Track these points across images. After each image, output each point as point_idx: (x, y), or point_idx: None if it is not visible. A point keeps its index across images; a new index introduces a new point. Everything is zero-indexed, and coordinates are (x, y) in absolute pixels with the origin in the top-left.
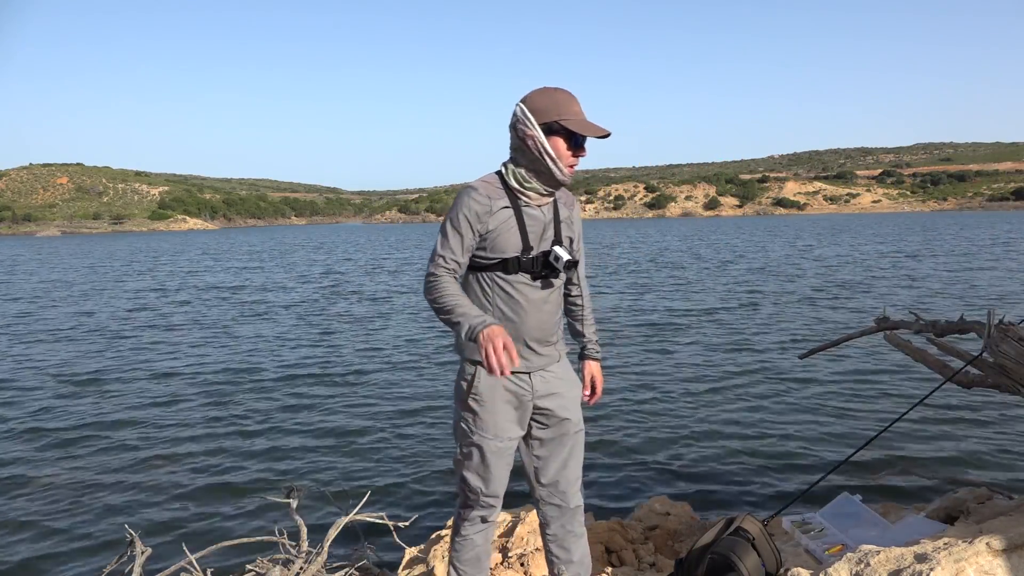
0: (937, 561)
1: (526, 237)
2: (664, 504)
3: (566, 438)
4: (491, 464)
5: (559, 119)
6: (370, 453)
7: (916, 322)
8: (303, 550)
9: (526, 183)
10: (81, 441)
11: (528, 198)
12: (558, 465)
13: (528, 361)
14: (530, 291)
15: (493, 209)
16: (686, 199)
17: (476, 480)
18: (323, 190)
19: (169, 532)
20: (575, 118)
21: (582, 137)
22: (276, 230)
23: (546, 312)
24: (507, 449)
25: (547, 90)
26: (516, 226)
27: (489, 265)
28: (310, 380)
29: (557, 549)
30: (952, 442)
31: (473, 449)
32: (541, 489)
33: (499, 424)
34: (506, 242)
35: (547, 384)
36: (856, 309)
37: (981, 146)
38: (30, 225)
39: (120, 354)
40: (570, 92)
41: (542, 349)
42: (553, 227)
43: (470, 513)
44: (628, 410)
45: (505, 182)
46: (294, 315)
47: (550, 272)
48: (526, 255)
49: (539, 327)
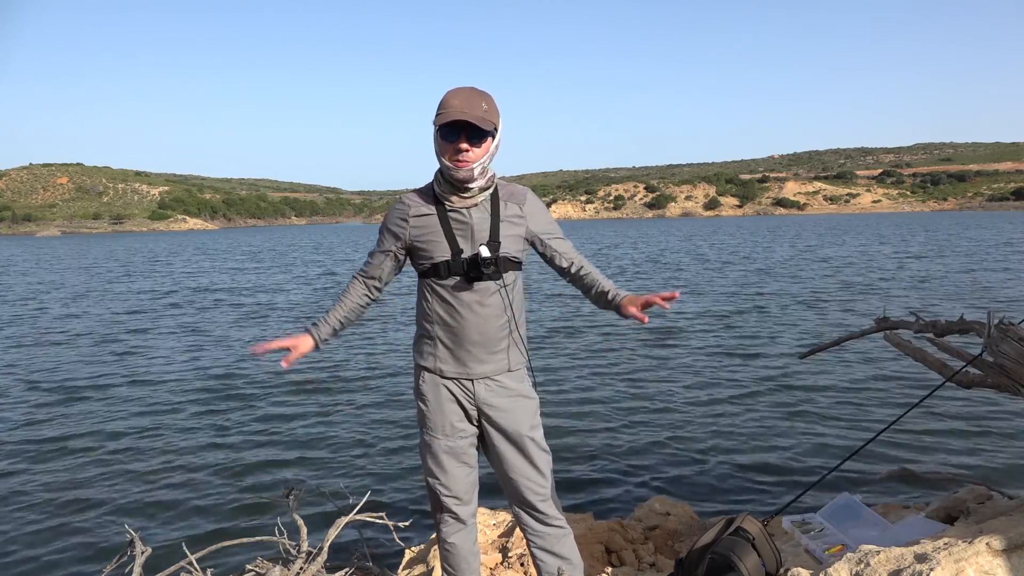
0: (937, 561)
1: (453, 240)
2: (664, 504)
3: (514, 450)
4: (444, 463)
5: (434, 120)
6: (370, 453)
7: (916, 322)
8: (303, 550)
9: (440, 186)
10: (80, 441)
11: (450, 201)
12: (518, 474)
13: (467, 368)
14: (465, 295)
15: (411, 215)
16: (686, 199)
17: (434, 479)
18: (323, 190)
19: (169, 532)
20: (443, 111)
21: (462, 131)
22: (276, 230)
23: (485, 316)
24: (459, 448)
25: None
26: (440, 230)
27: (425, 271)
28: (309, 380)
29: (540, 552)
30: (952, 442)
31: (425, 448)
32: (511, 498)
33: (445, 422)
34: (434, 247)
35: (492, 393)
36: (852, 310)
37: (981, 146)
38: (30, 225)
39: (120, 354)
40: (470, 89)
41: (485, 356)
42: (489, 227)
43: (440, 515)
44: (628, 410)
45: (432, 189)
46: (293, 317)
47: (479, 273)
48: (456, 258)
49: (479, 331)
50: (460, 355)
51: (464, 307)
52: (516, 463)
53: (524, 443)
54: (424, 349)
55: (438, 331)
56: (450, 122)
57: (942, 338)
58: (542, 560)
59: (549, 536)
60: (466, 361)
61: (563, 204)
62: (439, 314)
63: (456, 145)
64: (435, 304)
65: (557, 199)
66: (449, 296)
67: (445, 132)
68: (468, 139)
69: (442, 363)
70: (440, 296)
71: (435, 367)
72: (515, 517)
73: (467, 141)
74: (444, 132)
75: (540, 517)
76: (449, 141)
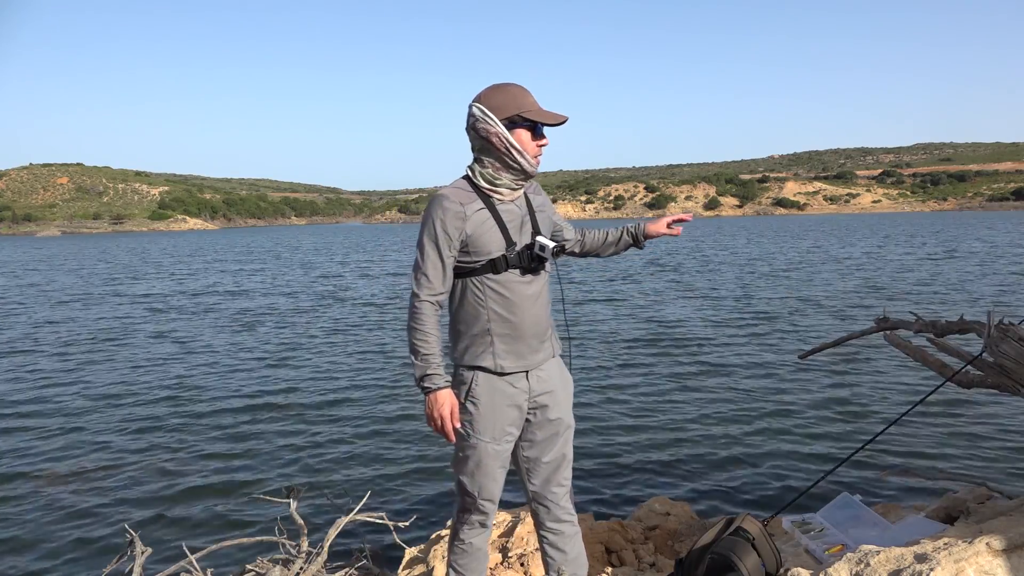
0: (937, 561)
1: (507, 233)
2: (664, 504)
3: (556, 437)
4: (487, 466)
5: (519, 112)
6: (370, 453)
7: (916, 322)
8: (303, 550)
9: (496, 180)
10: (80, 441)
11: (500, 195)
12: (548, 464)
13: (526, 360)
14: (523, 287)
15: (467, 214)
16: (686, 199)
17: (473, 483)
18: (323, 190)
19: (169, 532)
20: (533, 108)
21: (542, 126)
22: (276, 230)
23: (539, 306)
24: (503, 452)
25: (500, 86)
26: (495, 224)
27: (478, 268)
28: (310, 381)
29: (551, 549)
30: (952, 442)
31: (470, 452)
32: (532, 489)
33: (496, 426)
34: (489, 242)
35: (541, 383)
36: (853, 310)
37: (981, 146)
38: (30, 225)
39: (120, 354)
40: (521, 84)
41: (539, 346)
42: (530, 218)
43: (468, 517)
44: (628, 411)
45: (474, 184)
46: (293, 318)
47: (539, 263)
48: (511, 251)
49: (535, 323)
50: (518, 349)
51: (523, 299)
52: (554, 449)
53: (565, 429)
54: (478, 350)
55: (495, 328)
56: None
57: (942, 338)
58: (552, 557)
59: (563, 533)
60: (524, 354)
61: (563, 204)
62: (495, 310)
63: (542, 141)
64: (489, 300)
65: (557, 199)
66: (506, 291)
67: (537, 128)
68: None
69: (502, 360)
70: (496, 292)
71: (495, 365)
72: (533, 513)
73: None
74: (536, 128)
75: (558, 512)
76: (539, 137)
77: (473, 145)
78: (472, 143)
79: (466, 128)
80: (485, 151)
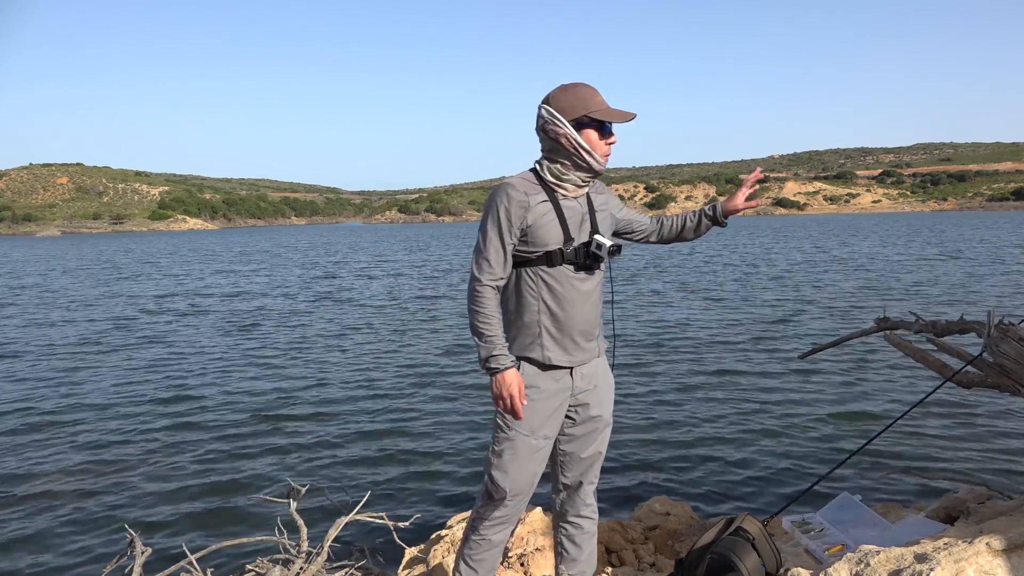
0: (937, 561)
1: (567, 228)
2: (664, 504)
3: (595, 434)
4: (524, 462)
5: (587, 113)
6: (370, 453)
7: (916, 322)
8: (303, 550)
9: (564, 176)
10: (80, 441)
11: (565, 190)
12: (585, 460)
13: (572, 356)
14: (576, 283)
15: (531, 204)
16: (686, 199)
17: (506, 478)
18: (323, 190)
19: (169, 532)
20: (601, 108)
21: (610, 124)
22: (276, 230)
23: (591, 304)
24: (542, 448)
25: (568, 87)
26: (556, 218)
27: (533, 259)
28: (310, 381)
29: (567, 542)
30: (952, 442)
31: (507, 445)
32: (564, 482)
33: (536, 421)
34: (548, 234)
35: (586, 380)
36: (849, 315)
37: (981, 146)
38: (30, 225)
39: (120, 355)
40: (589, 84)
41: (586, 343)
42: (590, 217)
43: (493, 513)
44: (628, 411)
45: (541, 177)
46: (293, 319)
47: (594, 262)
48: (568, 246)
49: (584, 320)
50: (565, 344)
51: (576, 295)
52: (592, 446)
53: (604, 427)
54: (526, 341)
55: (544, 320)
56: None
57: (942, 338)
58: (566, 550)
59: (583, 528)
60: (571, 349)
61: None
62: (546, 303)
63: (610, 139)
64: (543, 293)
65: None
66: (559, 285)
67: (606, 127)
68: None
69: (549, 351)
70: (548, 285)
71: (543, 356)
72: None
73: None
74: (604, 127)
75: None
76: (607, 136)
77: (543, 145)
78: (542, 143)
79: (536, 129)
80: (555, 151)
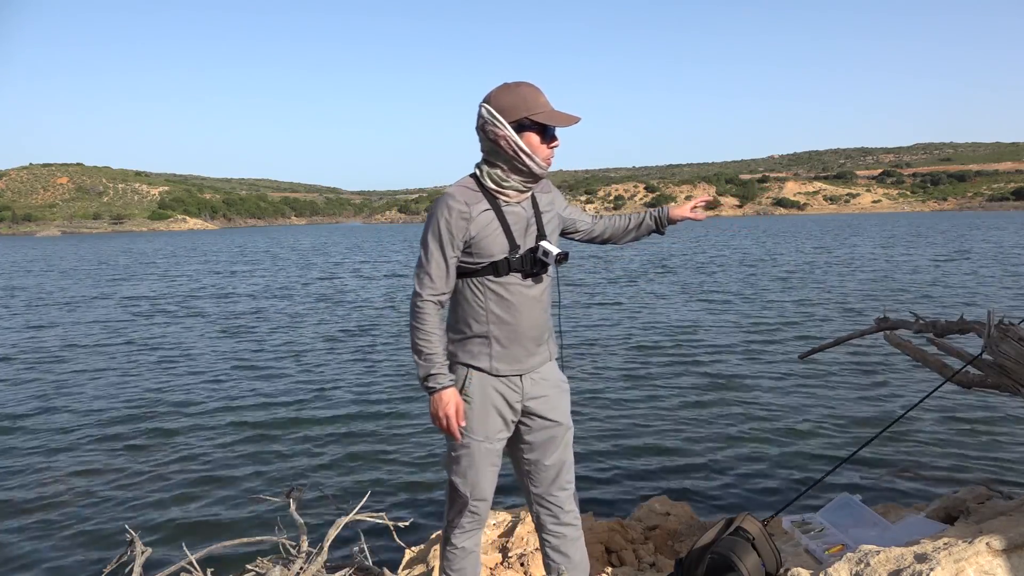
0: (937, 561)
1: (511, 236)
2: (664, 504)
3: (556, 440)
4: (480, 466)
5: (528, 115)
6: (370, 453)
7: (916, 322)
8: (303, 550)
9: (504, 182)
10: (80, 441)
11: (507, 196)
12: (551, 468)
13: (521, 363)
14: (524, 290)
15: (472, 214)
16: (686, 199)
17: (465, 483)
18: (323, 190)
19: (169, 532)
20: (544, 110)
21: (553, 128)
22: (276, 230)
23: (540, 309)
24: (494, 451)
25: (510, 86)
26: (500, 227)
27: (479, 270)
28: (309, 381)
29: (553, 552)
30: (952, 442)
31: (464, 452)
32: (535, 492)
33: (488, 426)
34: (492, 244)
35: (536, 386)
36: (849, 315)
37: (981, 146)
38: (30, 225)
39: (120, 355)
40: (533, 84)
41: (536, 349)
42: (536, 221)
43: (460, 520)
44: (628, 411)
45: (482, 184)
46: (292, 319)
47: (541, 268)
48: (514, 254)
49: (534, 326)
50: (515, 352)
51: (523, 302)
52: (555, 452)
53: (563, 432)
54: (476, 349)
55: (493, 330)
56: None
57: (942, 338)
58: (554, 560)
59: (566, 537)
60: (521, 357)
61: None
62: (495, 312)
63: (553, 143)
64: (490, 302)
65: None
66: (506, 293)
67: (547, 130)
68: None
69: (497, 362)
70: (496, 294)
71: (491, 367)
72: (533, 515)
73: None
74: (546, 130)
75: (561, 515)
76: (550, 139)
77: (482, 146)
78: (481, 144)
79: (476, 128)
80: (494, 153)
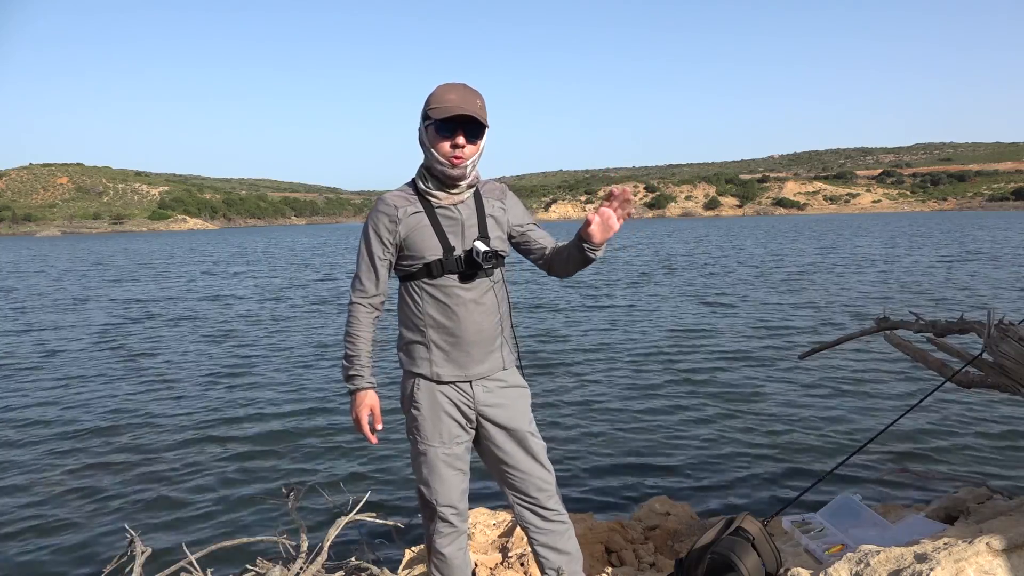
0: (937, 561)
1: (444, 238)
2: (664, 504)
3: (521, 444)
4: (441, 471)
5: (427, 108)
6: (370, 453)
7: (916, 322)
8: (303, 550)
9: (428, 182)
10: (80, 442)
11: (437, 198)
12: (522, 472)
13: (466, 370)
14: (461, 293)
15: (400, 216)
16: (686, 199)
17: (430, 491)
18: (323, 190)
19: (169, 532)
20: (439, 106)
21: (460, 127)
22: (276, 230)
23: (482, 313)
24: (455, 456)
25: (439, 86)
26: (430, 228)
27: (415, 272)
28: (310, 381)
29: (543, 549)
30: (952, 442)
31: (422, 459)
32: (513, 496)
33: (443, 431)
34: (423, 245)
35: (490, 394)
36: (849, 315)
37: (981, 146)
38: (30, 225)
39: (120, 355)
40: (463, 85)
41: (482, 355)
42: (477, 224)
43: (434, 525)
44: (628, 410)
45: (416, 187)
46: (292, 319)
47: (477, 269)
48: (448, 256)
49: (476, 330)
50: (457, 357)
51: (460, 306)
52: (520, 459)
53: (525, 437)
54: (417, 355)
55: (432, 334)
56: (450, 117)
57: (942, 338)
58: (545, 557)
59: (552, 532)
60: (464, 363)
61: (563, 204)
62: (432, 316)
63: (454, 141)
64: (427, 306)
65: (557, 199)
66: (443, 296)
67: (443, 127)
68: (466, 135)
69: (439, 367)
70: (433, 297)
71: (432, 372)
72: (517, 516)
73: (464, 137)
74: (441, 127)
75: (544, 513)
76: (446, 136)
77: None
78: None
79: None
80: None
